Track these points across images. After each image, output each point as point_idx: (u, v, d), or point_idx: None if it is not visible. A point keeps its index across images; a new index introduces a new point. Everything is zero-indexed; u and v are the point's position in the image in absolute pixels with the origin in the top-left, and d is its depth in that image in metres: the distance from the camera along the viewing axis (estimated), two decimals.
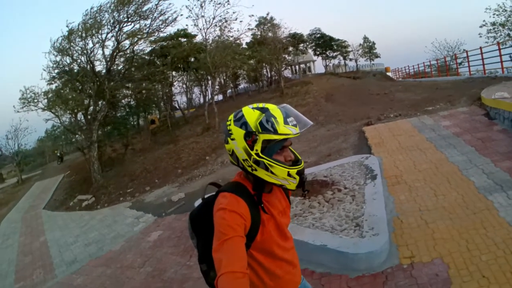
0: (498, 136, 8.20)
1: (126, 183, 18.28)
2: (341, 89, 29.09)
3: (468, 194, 5.66)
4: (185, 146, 22.12)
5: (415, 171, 7.17)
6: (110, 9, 22.44)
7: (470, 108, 11.37)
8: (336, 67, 54.83)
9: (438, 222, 5.00)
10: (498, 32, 29.40)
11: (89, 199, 17.41)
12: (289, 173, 1.67)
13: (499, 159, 6.80)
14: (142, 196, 14.70)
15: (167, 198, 11.92)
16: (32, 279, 8.89)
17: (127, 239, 9.27)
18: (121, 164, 24.07)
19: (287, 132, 1.62)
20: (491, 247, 4.18)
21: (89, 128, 21.79)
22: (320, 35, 50.02)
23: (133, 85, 28.95)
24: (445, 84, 19.77)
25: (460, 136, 8.80)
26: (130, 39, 24.23)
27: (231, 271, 1.39)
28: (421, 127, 10.43)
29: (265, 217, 1.78)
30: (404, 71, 47.66)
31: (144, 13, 23.69)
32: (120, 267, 7.46)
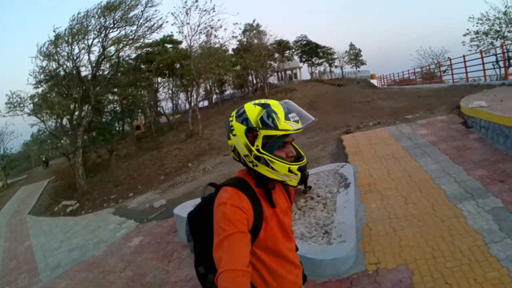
0: (474, 145, 8.37)
1: (110, 189, 18.39)
2: (324, 96, 29.44)
3: (438, 202, 5.81)
4: (168, 152, 22.25)
5: (388, 179, 7.30)
6: (96, 14, 22.57)
7: (449, 116, 11.51)
8: (322, 74, 55.10)
9: (406, 230, 5.13)
10: (482, 41, 29.72)
11: (74, 205, 17.51)
12: (290, 169, 1.66)
13: (472, 167, 6.97)
14: (125, 202, 14.83)
15: (149, 205, 12.05)
16: (17, 283, 9.07)
17: (109, 244, 9.45)
18: (106, 170, 24.11)
19: (288, 128, 1.61)
20: (456, 254, 4.33)
21: (74, 134, 21.82)
22: (306, 42, 50.65)
23: (119, 91, 29.05)
24: (427, 92, 20.06)
25: (436, 144, 8.95)
26: (115, 45, 24.35)
27: (232, 269, 1.37)
28: (399, 136, 10.55)
29: (268, 214, 1.75)
30: (389, 78, 47.97)
31: (130, 20, 23.87)
32: (102, 271, 7.61)
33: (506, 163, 6.77)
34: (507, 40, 27.53)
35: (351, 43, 55.17)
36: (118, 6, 22.89)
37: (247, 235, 1.52)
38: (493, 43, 28.22)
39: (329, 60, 52.29)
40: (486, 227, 4.79)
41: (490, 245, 4.36)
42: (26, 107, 23.76)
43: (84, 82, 22.87)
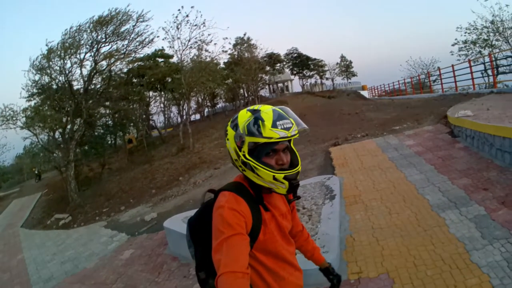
0: (459, 154, 8.48)
1: (102, 203, 18.46)
2: (314, 109, 29.61)
3: (421, 211, 5.90)
4: (160, 166, 22.38)
5: (373, 190, 7.40)
6: (89, 29, 22.80)
7: (436, 126, 11.61)
8: (313, 86, 55.17)
9: (388, 240, 5.21)
10: (470, 50, 30.10)
11: (66, 218, 17.56)
12: (275, 177, 1.63)
13: (457, 176, 7.05)
14: (117, 215, 14.92)
15: (140, 218, 12.19)
16: None
17: (101, 257, 9.55)
18: (98, 183, 24.16)
19: (272, 136, 1.58)
20: (437, 262, 4.39)
21: (66, 147, 21.89)
22: (297, 55, 50.87)
23: (111, 104, 29.11)
24: (416, 103, 20.17)
25: (421, 155, 9.05)
26: (107, 59, 24.56)
27: (231, 271, 1.37)
28: (385, 147, 10.65)
29: (267, 217, 1.76)
30: (380, 89, 48.19)
31: (122, 34, 24.13)
32: (94, 283, 7.71)
33: (490, 171, 6.91)
34: (495, 48, 27.85)
35: (342, 55, 55.23)
36: (110, 21, 23.20)
37: (245, 237, 1.53)
38: (481, 52, 28.65)
39: (320, 72, 52.24)
40: (468, 235, 4.90)
41: (471, 253, 4.46)
42: (18, 120, 23.84)
43: (76, 96, 22.99)
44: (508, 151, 6.98)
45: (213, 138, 26.49)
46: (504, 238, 4.58)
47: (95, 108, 26.89)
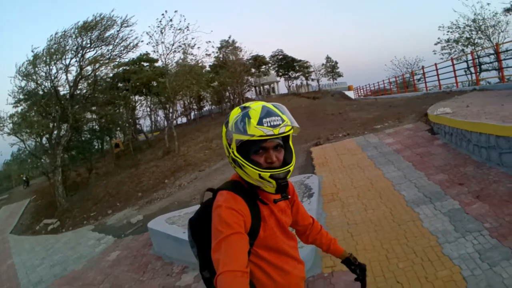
0: (437, 150, 8.66)
1: (90, 207, 18.57)
2: (299, 110, 29.67)
3: (396, 207, 6.06)
4: (146, 170, 22.49)
5: (351, 188, 7.54)
6: (74, 34, 22.91)
7: (416, 124, 11.74)
8: (299, 88, 55.23)
9: (363, 235, 5.36)
10: (453, 48, 30.50)
11: (55, 223, 17.68)
12: (261, 175, 1.60)
13: (433, 172, 7.26)
14: (104, 219, 15.05)
15: (127, 221, 12.34)
16: None
17: (89, 259, 9.71)
18: (85, 188, 24.21)
19: (257, 133, 1.55)
20: (409, 255, 4.55)
21: (53, 153, 21.93)
22: (283, 57, 50.76)
23: (97, 109, 29.23)
24: (399, 102, 20.30)
25: (400, 152, 9.22)
26: (92, 64, 24.67)
27: (230, 270, 1.35)
28: (365, 146, 10.80)
29: (265, 213, 1.74)
30: (366, 89, 48.55)
31: (106, 39, 24.29)
32: (82, 285, 7.88)
33: (467, 167, 7.11)
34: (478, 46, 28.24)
35: (328, 56, 55.53)
36: (95, 26, 23.32)
37: (244, 236, 1.52)
38: (464, 50, 29.03)
39: (305, 73, 52.25)
40: (441, 228, 5.07)
41: (443, 245, 4.62)
42: (5, 127, 23.97)
43: (62, 102, 23.09)
44: (485, 146, 7.18)
45: (199, 141, 26.59)
46: (477, 231, 4.76)
47: (81, 113, 26.92)
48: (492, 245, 4.34)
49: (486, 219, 4.97)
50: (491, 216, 5.01)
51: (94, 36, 23.56)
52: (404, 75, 38.74)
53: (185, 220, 7.69)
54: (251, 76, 46.33)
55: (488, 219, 4.95)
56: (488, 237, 4.55)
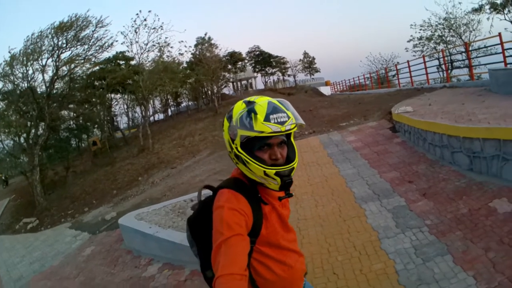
0: (395, 148, 8.96)
1: (67, 205, 18.78)
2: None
3: (345, 203, 6.33)
4: (121, 167, 22.76)
5: (307, 185, 7.83)
6: (50, 35, 23.12)
7: (379, 122, 12.03)
8: (276, 83, 55.52)
9: (310, 229, 5.63)
10: (425, 46, 31.11)
11: (34, 222, 17.84)
12: (266, 172, 1.58)
13: (386, 170, 7.56)
14: (81, 216, 15.22)
15: (102, 218, 12.58)
16: None
17: (65, 255, 10.00)
18: (63, 186, 24.32)
19: (264, 130, 1.53)
20: (349, 249, 4.81)
21: (31, 153, 22.04)
22: (259, 53, 51.17)
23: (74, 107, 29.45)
24: (369, 98, 20.68)
25: (359, 150, 9.57)
26: (68, 65, 24.86)
27: (229, 273, 1.34)
28: (328, 143, 11.11)
29: (267, 210, 1.72)
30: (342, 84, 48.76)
31: (82, 39, 24.51)
32: (59, 279, 8.20)
33: (420, 165, 7.44)
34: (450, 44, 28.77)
35: (305, 52, 55.85)
36: (70, 27, 23.50)
37: (245, 237, 1.51)
38: (436, 48, 29.50)
39: (282, 69, 52.62)
40: (384, 224, 5.33)
41: (382, 240, 4.88)
42: None
43: (38, 102, 23.21)
44: (439, 145, 7.49)
45: (173, 139, 26.86)
46: (417, 227, 5.02)
47: (58, 112, 27.01)
48: (429, 241, 4.63)
49: (428, 216, 5.26)
50: (433, 214, 5.30)
51: (70, 36, 23.78)
52: (379, 71, 39.15)
53: (152, 216, 8.12)
54: (228, 73, 46.36)
55: (430, 216, 5.24)
56: (427, 233, 4.83)
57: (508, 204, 4.86)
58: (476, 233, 4.49)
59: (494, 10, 25.34)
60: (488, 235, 4.36)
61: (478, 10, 26.85)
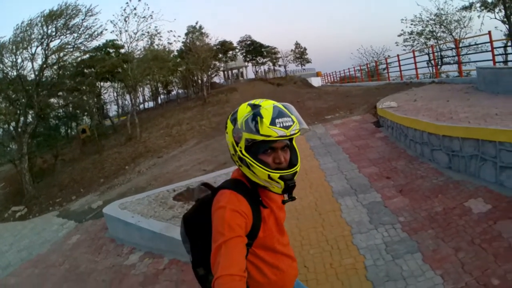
0: (376, 143, 9.04)
1: (55, 193, 18.86)
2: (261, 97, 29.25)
3: (322, 197, 6.37)
4: (109, 156, 22.85)
5: None
6: (40, 23, 23.07)
7: (364, 116, 12.14)
8: (267, 73, 55.42)
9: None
10: (415, 41, 31.42)
11: (22, 210, 17.90)
12: (270, 176, 1.61)
13: (366, 165, 7.61)
14: (68, 205, 15.34)
15: (88, 206, 12.67)
16: None
17: (52, 243, 10.12)
18: (52, 174, 24.35)
19: (270, 134, 1.54)
20: (322, 243, 4.87)
21: (20, 141, 22.05)
22: (250, 42, 50.79)
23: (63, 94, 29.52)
24: (357, 91, 20.80)
25: (341, 144, 9.59)
26: (57, 53, 24.81)
27: (229, 274, 1.35)
28: (311, 136, 11.10)
29: (266, 213, 1.74)
30: (333, 76, 49.48)
31: (71, 28, 24.50)
32: (46, 266, 8.32)
33: (399, 161, 7.50)
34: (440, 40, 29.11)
35: (297, 42, 55.47)
36: (60, 15, 23.48)
37: (244, 239, 1.52)
38: (426, 43, 29.83)
39: (273, 59, 52.39)
40: (358, 219, 5.37)
41: (355, 236, 4.92)
42: None
43: (27, 90, 23.24)
44: (419, 142, 7.55)
45: (161, 127, 26.90)
46: (390, 224, 5.06)
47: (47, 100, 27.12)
48: (400, 238, 4.67)
49: (402, 213, 5.30)
50: (408, 211, 5.34)
51: (59, 24, 23.76)
52: (369, 64, 39.49)
53: (135, 205, 8.30)
54: (218, 62, 46.48)
55: (404, 213, 5.29)
56: (399, 230, 4.88)
57: (484, 205, 4.93)
58: (448, 232, 4.55)
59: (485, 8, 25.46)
60: (460, 235, 4.42)
61: (468, 8, 26.99)
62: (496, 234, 4.21)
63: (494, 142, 5.34)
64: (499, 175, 5.30)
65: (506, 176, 5.18)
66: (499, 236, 4.14)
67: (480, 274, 3.66)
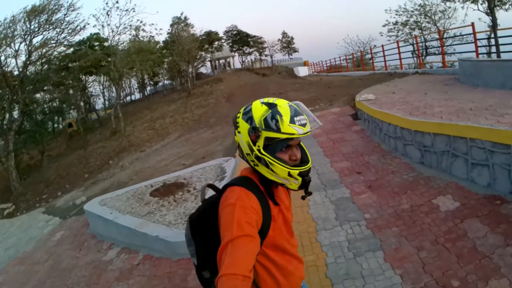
0: (352, 137, 9.14)
1: (42, 190, 18.91)
2: (244, 88, 30.19)
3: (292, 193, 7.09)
4: (93, 150, 22.86)
5: None
6: (23, 19, 22.99)
7: (343, 108, 12.23)
8: (254, 63, 55.52)
9: None
10: (400, 31, 31.23)
11: (10, 207, 17.85)
12: (290, 173, 1.63)
13: (339, 159, 7.69)
14: (54, 201, 15.41)
15: (72, 202, 12.83)
16: None
17: (38, 240, 10.28)
18: (38, 170, 24.35)
19: (291, 132, 1.58)
20: None
21: (5, 139, 22.01)
22: (237, 32, 50.75)
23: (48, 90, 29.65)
24: (340, 82, 20.93)
25: (316, 137, 9.67)
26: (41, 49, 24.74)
27: (232, 273, 1.33)
28: None
29: (275, 212, 1.74)
30: (320, 65, 49.80)
31: (54, 23, 24.45)
32: (31, 263, 8.52)
33: (373, 155, 7.58)
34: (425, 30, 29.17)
35: (284, 31, 55.25)
36: (42, 10, 23.41)
37: (253, 238, 1.49)
38: (411, 33, 29.70)
39: (259, 49, 52.40)
40: (324, 216, 5.44)
41: (319, 232, 4.99)
42: None
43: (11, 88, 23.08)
44: (393, 136, 7.65)
45: (145, 121, 26.97)
46: (355, 221, 5.13)
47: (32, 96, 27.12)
48: (364, 236, 4.72)
49: (368, 210, 5.36)
50: (374, 207, 5.39)
51: (42, 20, 23.68)
52: (354, 54, 39.50)
53: (114, 202, 8.57)
54: (204, 52, 46.55)
55: (371, 210, 5.34)
56: (364, 227, 4.92)
57: (452, 202, 4.98)
58: (413, 230, 4.60)
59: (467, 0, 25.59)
60: (424, 233, 4.47)
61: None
62: (461, 233, 4.25)
63: (465, 138, 5.42)
64: (471, 171, 5.40)
65: (477, 173, 5.27)
66: (465, 236, 4.19)
67: (441, 275, 3.71)
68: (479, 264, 3.68)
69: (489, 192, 4.93)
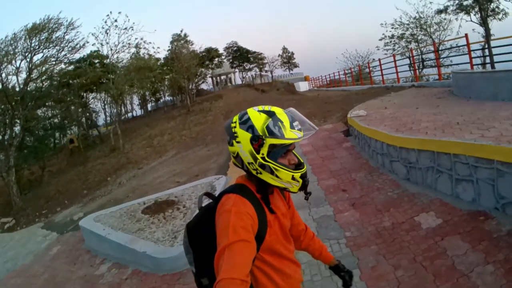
0: (341, 154, 9.17)
1: (42, 205, 19.12)
2: (243, 104, 29.76)
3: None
4: (93, 167, 23.20)
5: None
6: (24, 36, 23.44)
7: (335, 125, 12.28)
8: (254, 79, 55.70)
9: None
10: (396, 44, 31.49)
11: (10, 222, 18.09)
12: (293, 176, 1.67)
13: (326, 177, 7.74)
14: (53, 216, 15.67)
15: (70, 218, 13.06)
16: None
17: (35, 254, 10.52)
18: (39, 186, 24.60)
19: (294, 137, 1.62)
20: None
21: (6, 154, 22.28)
22: (237, 48, 51.12)
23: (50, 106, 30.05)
24: (337, 97, 20.96)
25: (307, 155, 9.79)
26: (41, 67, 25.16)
27: (230, 278, 1.33)
28: None
29: (271, 218, 1.75)
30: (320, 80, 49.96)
31: (54, 41, 24.94)
32: (28, 276, 8.75)
33: (360, 172, 7.61)
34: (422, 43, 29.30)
35: (284, 47, 55.97)
36: (43, 29, 23.88)
37: (250, 243, 1.51)
38: (407, 46, 29.88)
39: (259, 65, 52.69)
40: None
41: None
42: None
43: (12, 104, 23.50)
44: (380, 153, 7.64)
45: (143, 138, 27.26)
46: (335, 239, 5.11)
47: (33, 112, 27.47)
48: (342, 254, 4.67)
49: (349, 228, 5.34)
50: (356, 225, 5.38)
51: (42, 37, 24.16)
52: (353, 69, 39.61)
53: (108, 218, 8.88)
54: (205, 68, 46.85)
55: (352, 228, 5.32)
56: (343, 245, 4.90)
57: (434, 219, 4.95)
58: (392, 248, 4.57)
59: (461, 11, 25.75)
60: (403, 251, 4.43)
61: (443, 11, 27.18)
62: (440, 251, 4.21)
63: (449, 154, 5.42)
64: (455, 187, 5.40)
65: (462, 189, 5.27)
66: (443, 254, 4.14)
67: None
68: (456, 283, 3.64)
69: (474, 208, 4.93)
